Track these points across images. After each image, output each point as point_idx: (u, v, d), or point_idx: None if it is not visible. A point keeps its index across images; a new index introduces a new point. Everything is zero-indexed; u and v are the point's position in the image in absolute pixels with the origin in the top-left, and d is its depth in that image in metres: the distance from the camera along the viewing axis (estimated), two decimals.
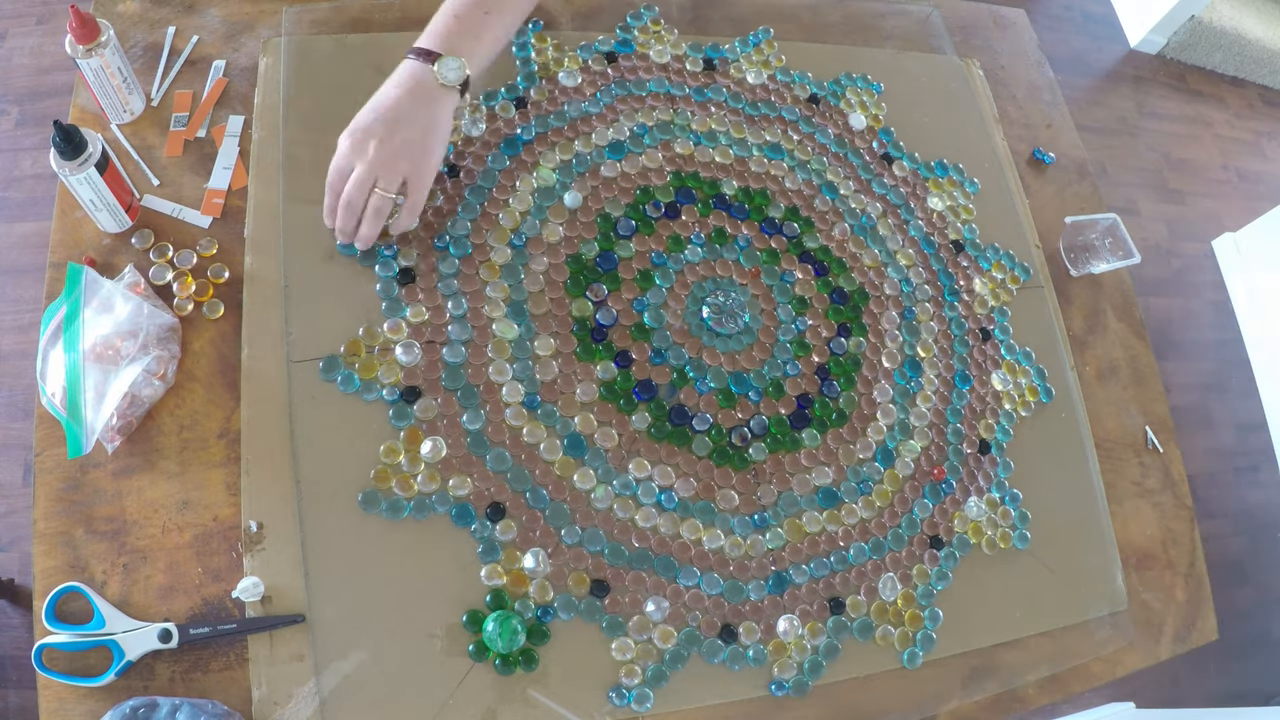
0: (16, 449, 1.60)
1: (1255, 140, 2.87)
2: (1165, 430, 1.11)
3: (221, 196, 0.88)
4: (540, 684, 0.76)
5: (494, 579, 0.78)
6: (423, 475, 0.80)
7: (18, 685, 1.43)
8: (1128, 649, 0.97)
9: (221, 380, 0.81)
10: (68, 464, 0.75)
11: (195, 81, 0.93)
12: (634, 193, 0.98)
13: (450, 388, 0.84)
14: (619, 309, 0.92)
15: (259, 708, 0.71)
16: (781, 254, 1.00)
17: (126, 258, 0.84)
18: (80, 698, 0.69)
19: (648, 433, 0.87)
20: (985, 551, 0.94)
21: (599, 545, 0.82)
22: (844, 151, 1.10)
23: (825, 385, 0.95)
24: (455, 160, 0.94)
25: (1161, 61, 2.88)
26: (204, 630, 0.71)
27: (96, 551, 0.73)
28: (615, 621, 0.80)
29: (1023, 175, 1.19)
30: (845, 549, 0.89)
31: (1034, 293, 1.11)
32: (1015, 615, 0.93)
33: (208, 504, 0.76)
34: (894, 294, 1.03)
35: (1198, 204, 2.67)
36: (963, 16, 1.30)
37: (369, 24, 0.99)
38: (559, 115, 1.00)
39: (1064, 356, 1.09)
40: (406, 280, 0.87)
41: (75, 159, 0.76)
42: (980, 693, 0.89)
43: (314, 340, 0.83)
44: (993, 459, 0.99)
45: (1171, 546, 1.05)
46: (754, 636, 0.83)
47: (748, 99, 1.08)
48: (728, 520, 0.86)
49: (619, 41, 1.06)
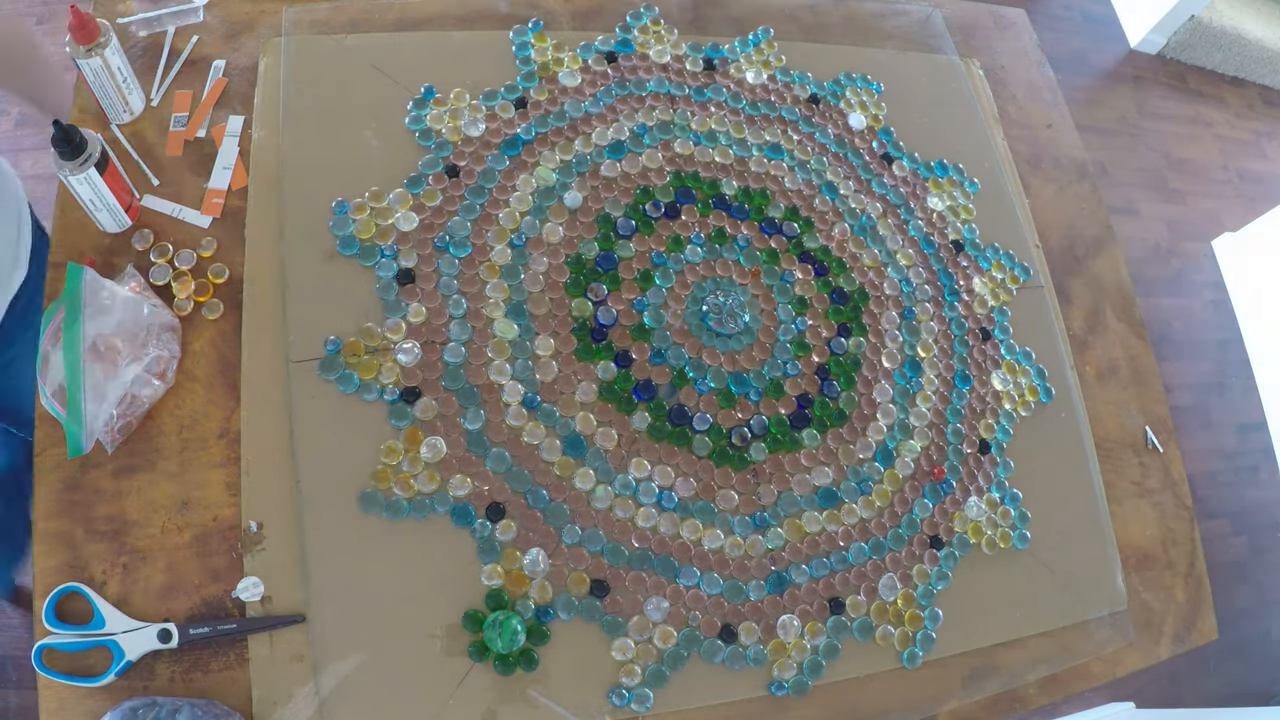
0: None
1: (1255, 140, 2.87)
2: (1165, 430, 1.11)
3: (221, 196, 0.88)
4: (540, 684, 0.76)
5: (494, 579, 0.78)
6: (422, 475, 0.80)
7: (18, 685, 1.43)
8: (1128, 649, 0.97)
9: (221, 380, 0.81)
10: (68, 464, 0.75)
11: (195, 81, 0.93)
12: (634, 193, 0.98)
13: (450, 388, 0.84)
14: (619, 309, 0.92)
15: (259, 708, 0.71)
16: (781, 254, 1.00)
17: (126, 258, 0.84)
18: (80, 698, 0.69)
19: (648, 433, 0.87)
20: (985, 551, 0.94)
21: (599, 545, 0.82)
22: (844, 151, 1.10)
23: (825, 385, 0.95)
24: (455, 160, 0.94)
25: (1161, 61, 2.88)
26: (204, 630, 0.71)
27: (96, 551, 0.73)
28: (615, 621, 0.80)
29: (1023, 175, 1.19)
30: (845, 549, 0.89)
31: (1034, 292, 1.11)
32: (1015, 615, 0.93)
33: (208, 504, 0.76)
34: (894, 294, 1.03)
35: (1198, 204, 2.67)
36: (963, 16, 1.30)
37: (369, 24, 0.99)
38: (559, 115, 1.00)
39: (1064, 356, 1.09)
40: (406, 280, 0.87)
41: (75, 159, 0.76)
42: (980, 693, 0.89)
43: (314, 340, 0.83)
44: (993, 459, 0.99)
45: (1171, 546, 1.05)
46: (754, 636, 0.83)
47: (748, 99, 1.08)
48: (728, 520, 0.86)
49: (619, 41, 1.06)
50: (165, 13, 0.94)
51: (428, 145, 0.94)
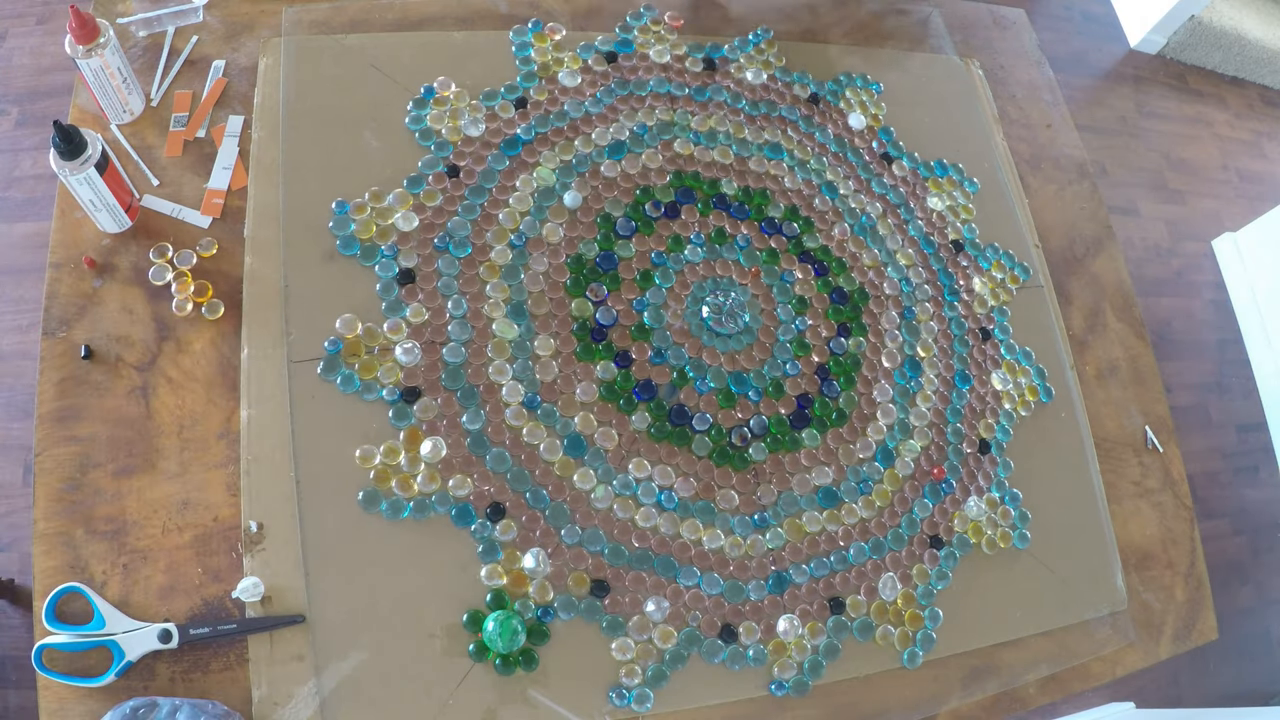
0: (16, 449, 1.60)
1: (1255, 140, 2.87)
2: (1165, 430, 1.11)
3: (221, 196, 0.88)
4: (540, 684, 0.76)
5: (494, 579, 0.78)
6: (423, 475, 0.80)
7: (18, 685, 1.43)
8: (1128, 649, 0.97)
9: (221, 380, 0.81)
10: (68, 464, 0.75)
11: (195, 81, 0.93)
12: (634, 193, 0.98)
13: (450, 388, 0.84)
14: (619, 309, 0.92)
15: (259, 708, 0.71)
16: (781, 254, 1.00)
17: (126, 258, 0.84)
18: (80, 698, 0.69)
19: (648, 433, 0.87)
20: (985, 551, 0.94)
21: (599, 545, 0.82)
22: (844, 151, 1.10)
23: (825, 385, 0.95)
24: (455, 160, 0.94)
25: (1161, 61, 2.88)
26: (204, 630, 0.71)
27: (96, 551, 0.73)
28: (615, 621, 0.80)
29: (1023, 175, 1.19)
30: (845, 549, 0.89)
31: (1034, 292, 1.11)
32: (1015, 615, 0.93)
33: (208, 504, 0.76)
34: (894, 294, 1.03)
35: (1198, 204, 2.67)
36: (963, 16, 1.30)
37: (369, 24, 0.99)
38: (559, 115, 1.00)
39: (1064, 356, 1.09)
40: (406, 280, 0.87)
41: (75, 159, 0.76)
42: (980, 693, 0.89)
43: (314, 340, 0.83)
44: (993, 459, 0.98)
45: (1171, 546, 1.05)
46: (754, 636, 0.83)
47: (748, 99, 1.08)
48: (728, 520, 0.86)
49: (619, 41, 1.06)
50: (165, 13, 0.94)
51: (428, 145, 0.94)
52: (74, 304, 0.81)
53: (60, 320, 0.80)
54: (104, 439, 0.77)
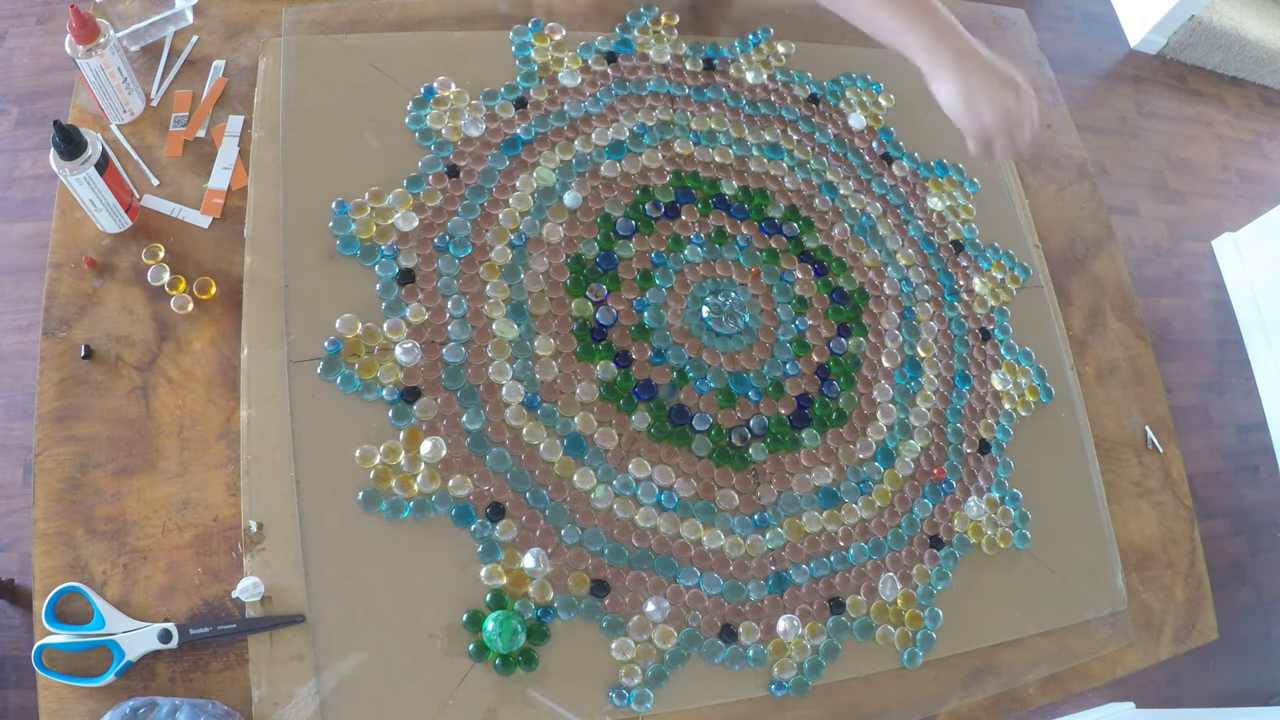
0: (16, 449, 1.60)
1: (1255, 140, 2.87)
2: (1165, 430, 1.11)
3: (221, 196, 0.88)
4: (540, 684, 0.76)
5: (494, 579, 0.78)
6: (423, 475, 0.80)
7: (18, 685, 1.43)
8: (1127, 649, 0.97)
9: (221, 380, 0.81)
10: (68, 464, 0.75)
11: (195, 81, 0.93)
12: (634, 193, 0.98)
13: (450, 388, 0.84)
14: (619, 309, 0.92)
15: (259, 708, 0.71)
16: (781, 254, 1.00)
17: (126, 258, 0.84)
18: (80, 698, 0.69)
19: (648, 433, 0.87)
20: (985, 551, 0.94)
21: (599, 545, 0.82)
22: (844, 151, 1.10)
23: (825, 385, 0.95)
24: (455, 160, 0.94)
25: (1161, 61, 2.88)
26: (204, 630, 0.71)
27: (96, 551, 0.73)
28: (615, 621, 0.80)
29: (1023, 175, 1.19)
30: (845, 549, 0.89)
31: (1034, 293, 1.11)
32: (1015, 615, 0.93)
33: (208, 504, 0.76)
34: (894, 294, 1.03)
35: (1198, 204, 2.67)
36: (963, 16, 1.29)
37: (369, 24, 0.99)
38: (559, 115, 1.00)
39: (1064, 356, 1.09)
40: (406, 280, 0.87)
41: (75, 159, 0.76)
42: (980, 693, 0.89)
43: (314, 340, 0.83)
44: (993, 459, 0.98)
45: (1171, 546, 1.05)
46: (754, 636, 0.83)
47: (748, 99, 1.08)
48: (728, 520, 0.86)
49: (619, 41, 1.06)
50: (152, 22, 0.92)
51: (428, 145, 0.94)
52: (74, 304, 0.81)
53: (60, 320, 0.80)
54: (104, 439, 0.77)
